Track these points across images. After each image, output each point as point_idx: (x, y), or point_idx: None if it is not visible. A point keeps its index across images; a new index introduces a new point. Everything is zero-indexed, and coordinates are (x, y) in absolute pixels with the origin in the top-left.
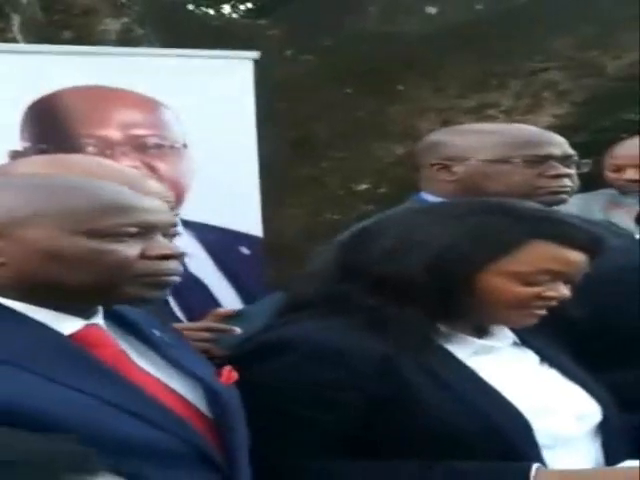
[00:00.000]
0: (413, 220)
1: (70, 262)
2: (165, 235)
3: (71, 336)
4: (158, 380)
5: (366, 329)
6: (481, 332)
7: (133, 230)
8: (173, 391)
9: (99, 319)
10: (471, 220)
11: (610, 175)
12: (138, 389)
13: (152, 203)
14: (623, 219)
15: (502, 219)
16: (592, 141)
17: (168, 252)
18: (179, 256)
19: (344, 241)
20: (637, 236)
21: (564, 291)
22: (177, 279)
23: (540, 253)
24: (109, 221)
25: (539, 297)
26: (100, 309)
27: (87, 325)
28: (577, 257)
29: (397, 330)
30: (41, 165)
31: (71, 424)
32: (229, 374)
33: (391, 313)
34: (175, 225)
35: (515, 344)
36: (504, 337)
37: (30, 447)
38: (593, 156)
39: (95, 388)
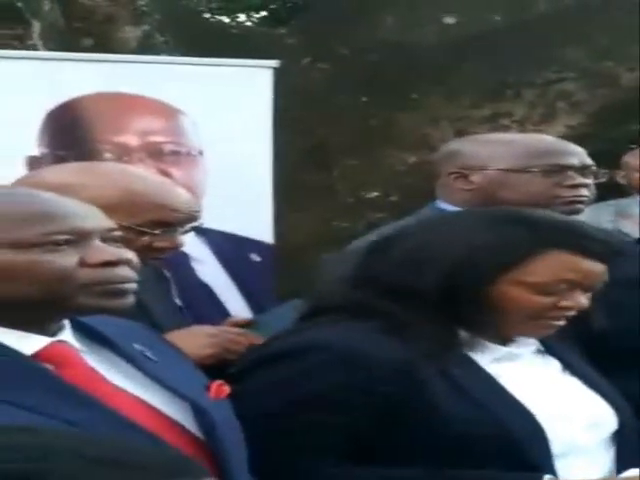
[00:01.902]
0: (431, 230)
1: (3, 277)
2: (105, 240)
3: (36, 355)
4: (137, 399)
5: (387, 334)
6: (504, 338)
7: (62, 238)
8: (154, 410)
9: (66, 335)
10: (487, 230)
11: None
12: (110, 411)
13: (83, 208)
14: (633, 229)
15: (518, 229)
16: (605, 151)
17: (110, 258)
18: (127, 261)
19: (364, 250)
20: None
21: (583, 301)
22: (133, 286)
23: (557, 263)
24: (33, 230)
25: (556, 307)
26: (66, 325)
27: (53, 343)
28: (594, 267)
29: (417, 336)
30: (69, 174)
31: None
32: (219, 389)
33: (412, 319)
34: (114, 229)
35: (538, 351)
36: (527, 344)
37: (128, 448)
38: (606, 166)
39: (62, 411)
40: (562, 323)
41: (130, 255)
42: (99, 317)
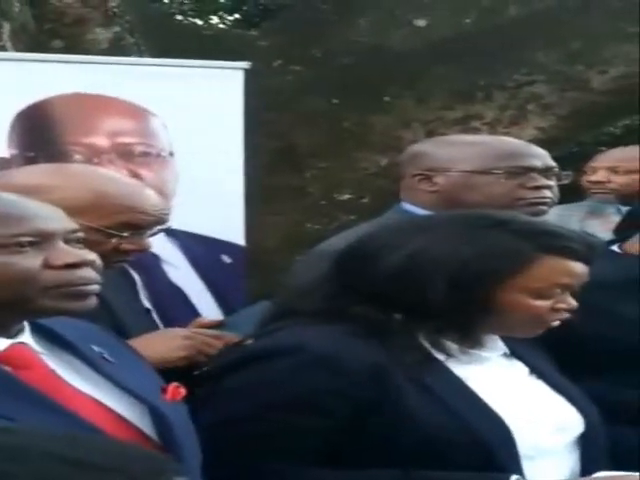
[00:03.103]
0: (418, 238)
1: None
2: (68, 242)
3: None
4: (95, 401)
5: (359, 338)
6: (473, 342)
7: (25, 240)
8: (112, 412)
9: (26, 337)
10: (478, 238)
11: (584, 179)
12: (69, 413)
13: (46, 210)
14: (598, 230)
15: (507, 235)
16: (575, 153)
17: (73, 260)
18: (90, 263)
19: (339, 254)
20: (614, 247)
21: (573, 302)
22: (96, 288)
23: (552, 268)
24: None
25: (552, 310)
26: (26, 326)
27: (12, 345)
28: (581, 268)
29: (394, 342)
30: (40, 175)
31: None
32: (175, 391)
33: (394, 327)
34: (77, 231)
35: (506, 355)
36: (495, 348)
37: (106, 449)
38: (575, 168)
39: (21, 414)
40: (556, 324)
41: (93, 257)
42: (58, 319)
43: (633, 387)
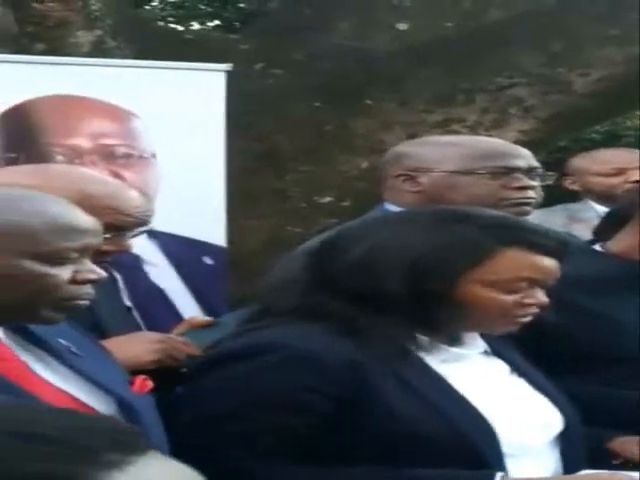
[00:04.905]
0: (382, 231)
1: (3, 284)
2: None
3: None
4: (65, 393)
5: (337, 335)
6: (453, 340)
7: (75, 255)
8: (80, 403)
9: None
10: (440, 231)
11: (602, 181)
12: (37, 402)
13: (93, 224)
14: (584, 233)
15: (471, 229)
16: (558, 156)
17: (95, 277)
18: (99, 281)
19: (314, 251)
20: (596, 247)
21: (542, 297)
22: (87, 303)
23: (514, 261)
24: (60, 245)
25: (520, 304)
26: None
27: None
28: (549, 263)
29: (369, 338)
30: (23, 175)
31: None
32: (142, 383)
33: (365, 322)
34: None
35: (486, 353)
36: (475, 346)
37: (67, 423)
38: (558, 172)
39: None
40: (527, 320)
41: (104, 274)
42: None
43: (615, 386)
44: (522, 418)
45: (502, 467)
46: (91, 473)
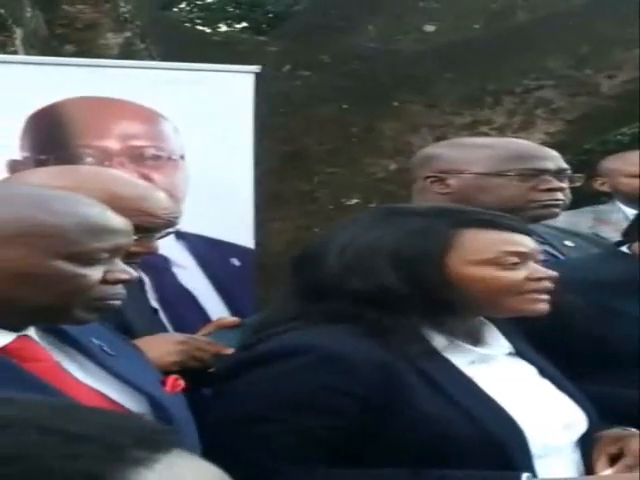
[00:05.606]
0: (353, 229)
1: (36, 284)
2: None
3: (2, 349)
4: (98, 392)
5: (363, 337)
6: (478, 342)
7: (106, 255)
8: (113, 402)
9: (30, 330)
10: (396, 224)
11: (633, 182)
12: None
13: (124, 224)
14: (612, 235)
15: (422, 218)
16: (584, 158)
17: (126, 277)
18: (130, 281)
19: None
20: (623, 249)
21: (545, 270)
22: (119, 303)
23: (484, 239)
24: (92, 245)
25: (529, 279)
26: None
27: (18, 337)
28: (520, 238)
29: (397, 338)
30: (53, 176)
31: None
32: (174, 383)
33: (390, 322)
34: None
35: (511, 354)
36: (500, 347)
37: (94, 421)
38: (585, 173)
39: None
40: (545, 297)
41: (136, 274)
42: None
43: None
44: (549, 419)
45: (530, 468)
46: (119, 471)
